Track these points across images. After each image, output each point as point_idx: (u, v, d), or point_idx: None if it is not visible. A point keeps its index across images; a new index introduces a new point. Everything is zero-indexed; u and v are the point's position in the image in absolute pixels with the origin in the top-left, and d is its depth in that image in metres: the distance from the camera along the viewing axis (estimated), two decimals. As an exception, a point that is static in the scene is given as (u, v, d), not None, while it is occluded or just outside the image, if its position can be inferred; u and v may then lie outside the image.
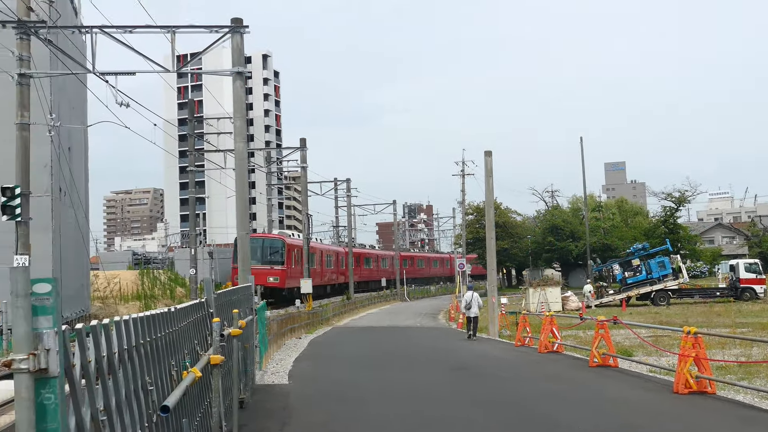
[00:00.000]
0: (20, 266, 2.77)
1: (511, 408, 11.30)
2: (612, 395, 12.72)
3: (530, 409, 11.26)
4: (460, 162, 69.15)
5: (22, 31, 21.09)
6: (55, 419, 2.88)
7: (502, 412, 10.85)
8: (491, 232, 29.71)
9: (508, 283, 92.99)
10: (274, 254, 46.87)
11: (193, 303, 7.00)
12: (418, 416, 10.61)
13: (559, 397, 12.38)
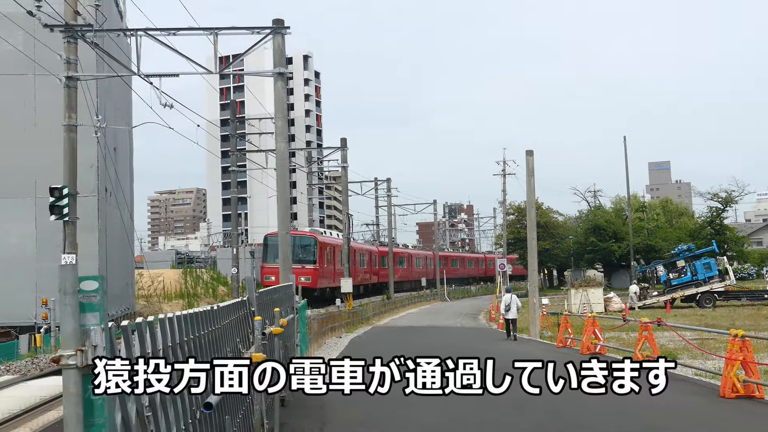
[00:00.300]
0: (68, 264, 2.83)
1: (548, 409, 11.19)
2: (656, 398, 12.51)
3: (572, 413, 11.15)
4: (501, 161, 68.82)
5: (70, 34, 21.54)
6: (102, 414, 2.94)
7: (541, 416, 10.76)
8: (532, 232, 29.47)
9: (549, 283, 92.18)
10: (306, 253, 44.47)
11: (235, 301, 7.07)
12: (457, 419, 10.57)
13: (601, 401, 12.21)
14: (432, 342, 26.11)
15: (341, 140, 45.47)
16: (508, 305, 25.86)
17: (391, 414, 10.55)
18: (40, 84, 40.85)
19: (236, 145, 42.09)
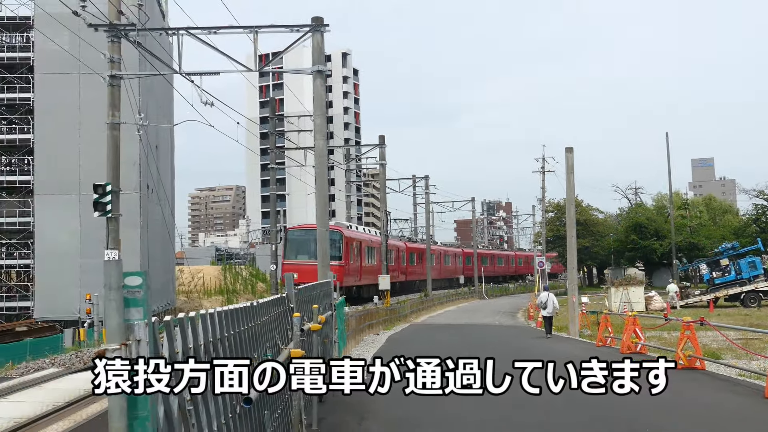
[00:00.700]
0: (113, 260, 2.89)
1: (593, 409, 11.09)
2: (699, 399, 12.33)
3: (613, 411, 11.04)
4: (541, 159, 68.20)
5: (113, 34, 21.90)
6: (146, 407, 3.00)
7: (584, 415, 10.66)
8: (572, 229, 29.19)
9: (589, 282, 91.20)
10: (331, 248, 40.46)
11: (274, 298, 7.14)
12: (499, 418, 10.53)
13: (642, 400, 12.08)
14: (470, 340, 26.03)
15: (379, 137, 45.50)
16: (544, 303, 26.32)
17: (431, 411, 10.55)
18: (84, 83, 41.69)
19: (275, 143, 42.37)
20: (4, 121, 50.77)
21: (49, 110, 45.65)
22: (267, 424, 5.83)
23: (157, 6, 48.65)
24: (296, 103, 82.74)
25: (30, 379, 15.74)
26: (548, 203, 78.29)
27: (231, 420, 4.46)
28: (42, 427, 10.87)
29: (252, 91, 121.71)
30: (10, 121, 50.75)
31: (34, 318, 43.23)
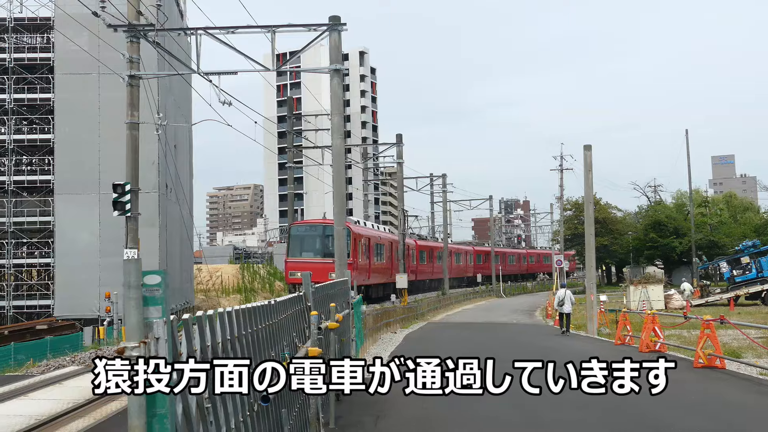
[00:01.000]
0: (132, 259, 2.92)
1: (615, 410, 11.05)
2: (719, 398, 12.24)
3: (632, 410, 10.98)
4: (558, 156, 67.89)
5: (132, 34, 22.05)
6: (164, 405, 3.02)
7: (607, 415, 10.61)
8: (590, 228, 29.04)
9: (608, 280, 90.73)
10: None
11: (291, 296, 7.16)
12: (518, 416, 10.51)
13: (664, 399, 12.01)
14: (488, 338, 25.98)
15: (396, 136, 45.52)
16: (562, 300, 26.77)
17: (450, 410, 10.53)
18: (104, 83, 42.05)
19: (293, 142, 42.50)
20: (25, 122, 51.26)
21: (69, 110, 46.06)
22: (284, 422, 5.85)
23: (176, 6, 48.92)
24: (314, 102, 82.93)
25: (50, 377, 15.91)
26: (566, 201, 77.96)
27: (249, 418, 4.48)
28: (63, 424, 10.98)
29: (270, 91, 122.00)
30: (31, 122, 51.23)
31: (55, 316, 43.65)
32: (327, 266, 34.04)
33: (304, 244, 37.41)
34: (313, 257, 36.12)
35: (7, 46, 50.29)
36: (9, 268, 48.71)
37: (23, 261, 49.85)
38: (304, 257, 36.49)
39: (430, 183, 64.25)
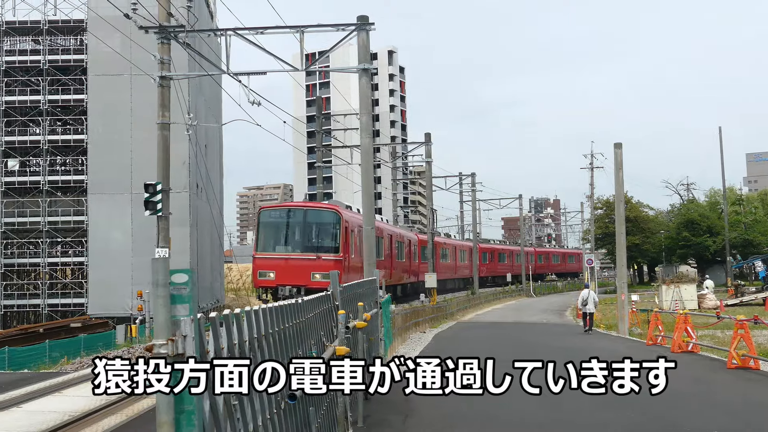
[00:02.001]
0: (160, 257, 2.96)
1: (644, 410, 10.94)
2: (753, 399, 12.05)
3: (663, 410, 10.86)
4: (589, 155, 67.35)
5: (163, 35, 22.29)
6: (191, 402, 3.06)
7: (637, 415, 10.51)
8: (621, 227, 28.78)
9: (639, 279, 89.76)
10: (324, 235, 29.16)
11: (319, 296, 7.20)
12: (545, 416, 10.45)
13: (696, 399, 11.87)
14: (517, 338, 25.84)
15: (425, 135, 45.47)
16: (585, 300, 27.66)
17: (478, 409, 10.51)
18: (135, 84, 42.55)
19: (322, 141, 42.65)
20: (59, 122, 52.06)
21: (102, 111, 46.72)
22: (312, 421, 5.89)
23: (206, 7, 49.36)
24: (343, 102, 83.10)
25: (84, 375, 16.16)
26: (597, 200, 77.26)
27: (276, 416, 4.52)
28: (96, 420, 11.14)
29: (299, 90, 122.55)
30: (64, 122, 52.01)
31: (88, 314, 44.29)
32: (309, 264, 26.94)
33: (279, 234, 28.76)
34: (291, 252, 27.74)
35: (41, 48, 51.13)
36: (44, 267, 49.54)
37: (57, 260, 50.66)
38: (278, 252, 27.95)
39: (459, 182, 64.10)
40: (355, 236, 30.03)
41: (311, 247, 28.23)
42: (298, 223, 28.72)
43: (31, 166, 53.22)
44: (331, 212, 29.34)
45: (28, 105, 50.79)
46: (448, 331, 29.60)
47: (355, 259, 29.53)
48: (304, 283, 25.40)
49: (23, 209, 50.16)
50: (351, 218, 30.57)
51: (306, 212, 29.13)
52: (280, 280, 25.86)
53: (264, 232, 28.68)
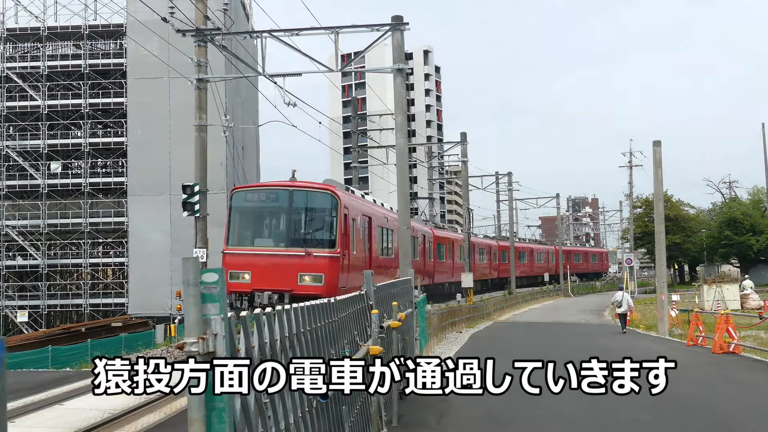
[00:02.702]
0: (191, 257, 3.01)
1: (689, 411, 10.79)
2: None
3: (705, 411, 10.69)
4: (627, 153, 66.53)
5: (200, 38, 22.54)
6: (222, 399, 3.09)
7: (678, 416, 10.37)
8: (660, 225, 28.37)
9: (680, 279, 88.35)
10: (316, 224, 22.92)
11: (352, 295, 7.22)
12: (585, 417, 10.35)
13: (738, 401, 11.66)
14: (555, 338, 25.62)
15: (461, 135, 45.31)
16: (619, 302, 28.11)
17: (513, 409, 10.45)
18: (173, 87, 43.15)
19: (357, 142, 42.74)
20: (99, 125, 52.97)
21: (141, 114, 47.45)
22: (345, 419, 5.91)
23: (242, 9, 49.81)
24: (378, 102, 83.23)
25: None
26: (636, 199, 76.27)
27: (307, 414, 4.54)
28: (135, 418, 11.32)
29: (335, 91, 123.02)
30: (105, 125, 52.92)
31: (129, 314, 45.00)
32: (296, 262, 20.87)
33: (257, 223, 23.22)
34: (273, 247, 21.80)
35: (82, 52, 52.07)
36: (86, 267, 50.45)
37: (99, 260, 51.57)
38: (256, 246, 22.08)
39: (495, 181, 63.76)
40: (358, 226, 24.03)
41: (299, 239, 21.67)
42: (282, 209, 22.46)
43: (73, 169, 54.24)
44: (325, 195, 22.55)
45: (70, 108, 51.77)
46: (484, 331, 29.47)
47: (357, 255, 23.53)
48: (288, 287, 20.38)
49: (65, 211, 51.15)
50: (352, 203, 24.11)
51: (292, 194, 22.09)
52: (258, 284, 20.44)
53: (237, 220, 22.63)
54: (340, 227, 21.89)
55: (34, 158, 52.22)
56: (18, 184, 52.20)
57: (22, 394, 13.30)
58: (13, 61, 53.26)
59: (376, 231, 26.69)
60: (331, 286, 20.33)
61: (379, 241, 27.45)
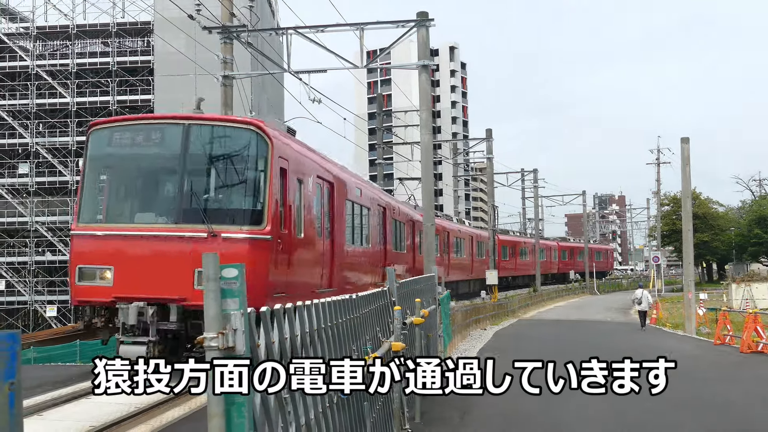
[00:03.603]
0: (211, 253, 3.03)
1: (716, 412, 10.67)
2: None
3: (732, 411, 10.56)
4: (655, 150, 65.88)
5: (226, 36, 22.66)
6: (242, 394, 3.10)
7: (705, 417, 10.26)
8: (688, 223, 28.09)
9: (708, 278, 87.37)
10: (228, 185, 13.04)
11: (375, 291, 7.21)
12: (607, 419, 10.27)
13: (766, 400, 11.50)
14: (580, 336, 25.46)
15: (486, 131, 45.17)
16: (639, 299, 28.92)
17: (537, 407, 10.40)
18: (200, 83, 43.39)
19: (382, 138, 42.73)
20: (127, 122, 53.45)
21: (167, 110, 47.77)
22: (367, 415, 5.91)
23: (268, 6, 50.01)
24: (404, 99, 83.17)
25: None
26: (664, 196, 75.55)
27: (328, 409, 4.55)
28: (161, 412, 11.43)
29: (360, 88, 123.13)
30: (132, 122, 53.37)
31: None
32: (193, 250, 11.76)
33: (127, 183, 13.69)
34: (154, 224, 12.46)
35: (110, 50, 52.61)
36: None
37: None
38: (126, 224, 12.74)
39: (521, 178, 63.48)
40: (307, 192, 14.63)
41: (197, 211, 12.46)
42: (170, 158, 12.87)
43: (101, 165, 54.77)
44: (246, 133, 12.88)
45: (98, 105, 52.32)
46: (509, 329, 29.37)
47: (303, 240, 14.26)
48: (176, 294, 11.79)
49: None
50: (295, 153, 14.18)
51: (188, 132, 12.67)
52: (125, 289, 11.99)
53: (94, 177, 13.49)
54: (271, 190, 12.47)
55: (63, 155, 52.87)
56: (47, 181, 52.90)
57: (50, 388, 13.48)
58: (43, 59, 53.96)
59: (344, 205, 17.54)
60: (257, 289, 11.14)
61: (353, 222, 19.07)
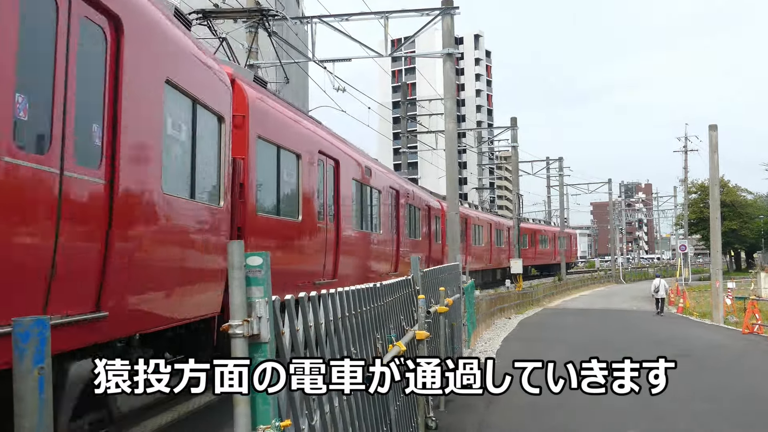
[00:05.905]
0: (236, 241, 3.05)
1: (743, 400, 10.57)
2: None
3: (761, 405, 10.45)
4: (682, 137, 65.11)
5: (251, 24, 22.70)
6: (267, 381, 3.13)
7: (732, 403, 10.17)
8: (716, 212, 27.77)
9: (737, 266, 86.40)
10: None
11: (399, 280, 7.22)
12: (637, 407, 10.20)
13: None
14: (607, 325, 25.30)
15: (511, 120, 44.89)
16: (657, 288, 30.59)
17: (562, 398, 10.35)
18: (225, 73, 43.58)
19: (407, 127, 42.64)
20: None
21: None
22: (390, 404, 5.93)
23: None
24: (428, 87, 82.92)
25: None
26: (691, 184, 74.71)
27: (352, 396, 4.58)
28: (192, 396, 11.55)
29: (384, 76, 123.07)
30: (158, 112, 53.81)
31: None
32: None
33: None
34: None
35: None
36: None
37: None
38: None
39: (546, 167, 63.05)
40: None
41: None
42: None
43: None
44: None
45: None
46: (533, 317, 29.26)
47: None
48: None
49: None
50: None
51: None
52: None
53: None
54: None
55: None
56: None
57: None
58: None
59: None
60: None
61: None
